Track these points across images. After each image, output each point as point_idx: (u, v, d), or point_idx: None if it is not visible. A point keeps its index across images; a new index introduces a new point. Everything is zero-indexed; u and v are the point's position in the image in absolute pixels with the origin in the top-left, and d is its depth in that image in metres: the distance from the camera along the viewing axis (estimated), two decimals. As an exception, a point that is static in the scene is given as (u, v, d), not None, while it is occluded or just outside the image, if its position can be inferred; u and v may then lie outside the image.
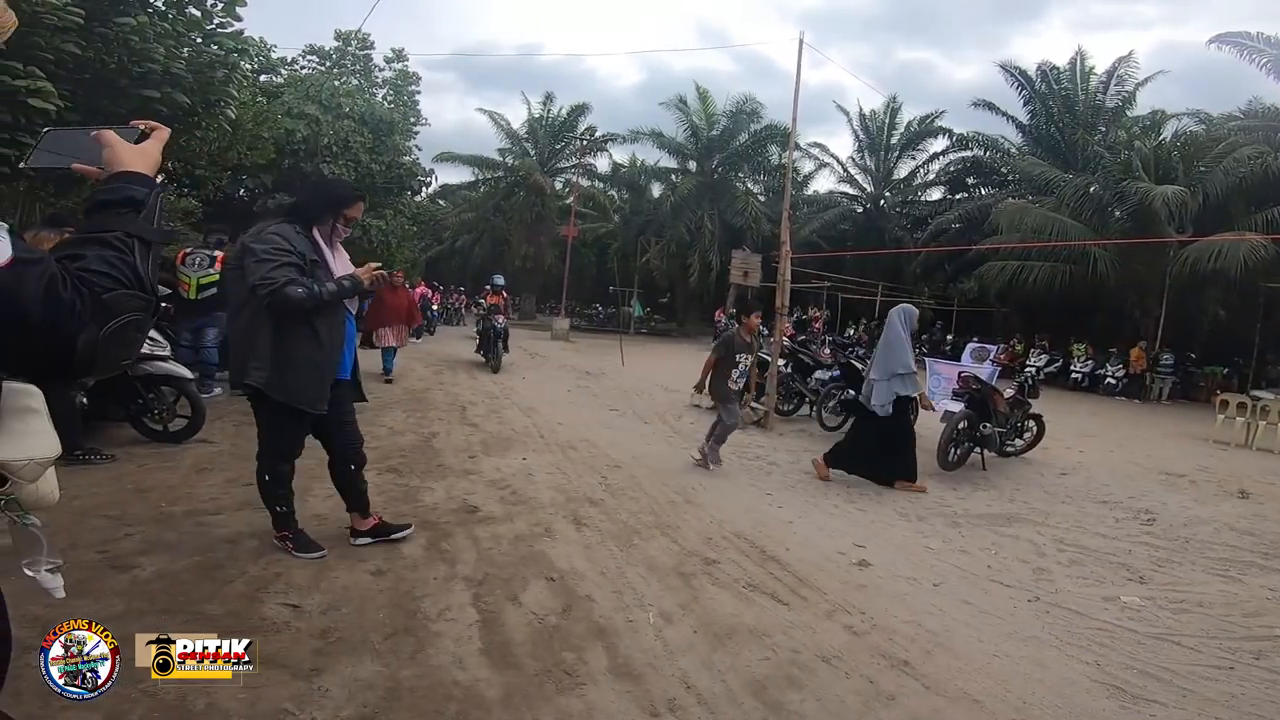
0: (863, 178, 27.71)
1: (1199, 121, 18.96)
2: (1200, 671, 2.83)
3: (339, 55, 28.27)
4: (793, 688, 2.40)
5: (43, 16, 4.90)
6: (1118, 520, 5.11)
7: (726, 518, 4.33)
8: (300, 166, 17.72)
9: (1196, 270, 14.65)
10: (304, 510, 3.69)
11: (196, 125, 7.36)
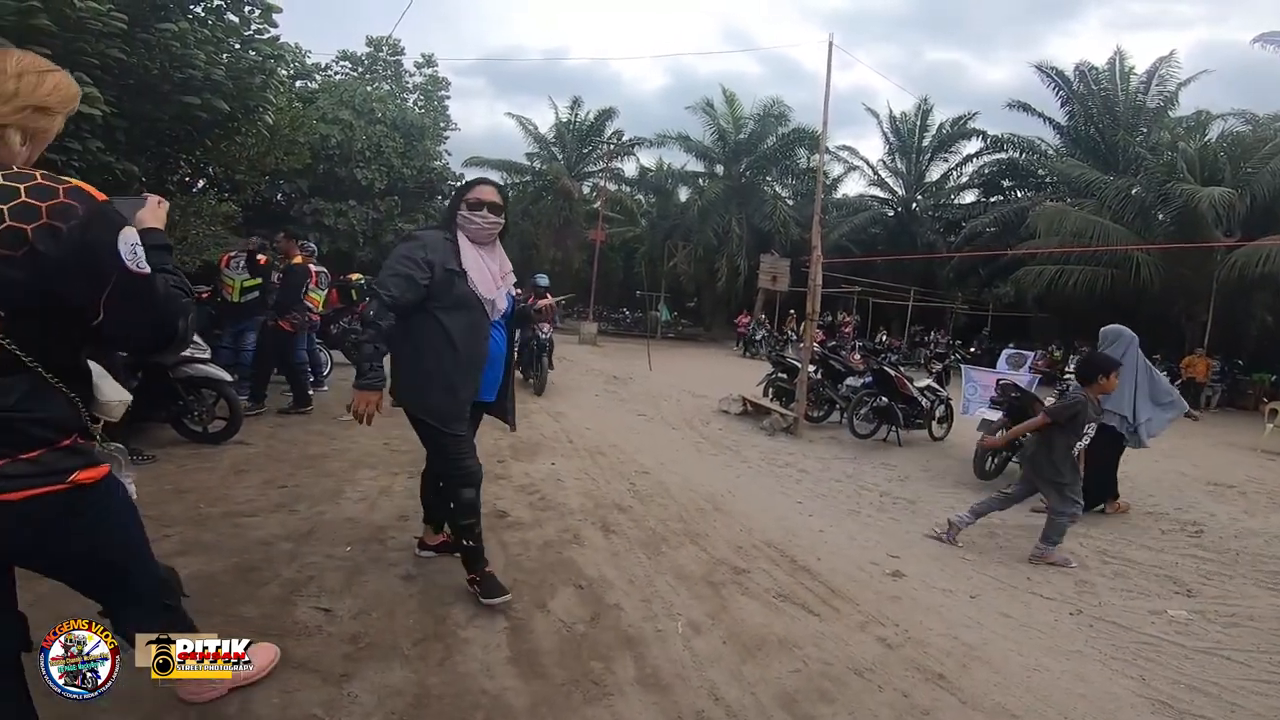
0: (894, 181, 27.35)
1: (1245, 122, 18.39)
2: (1250, 686, 2.73)
3: (371, 61, 28.80)
4: (824, 701, 2.35)
5: (88, 22, 5.03)
6: (1164, 532, 4.94)
7: (756, 526, 4.28)
8: (335, 171, 18.08)
9: (1244, 275, 14.20)
10: (337, 513, 3.75)
11: (236, 131, 7.52)
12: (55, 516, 1.31)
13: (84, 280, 1.23)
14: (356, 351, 2.62)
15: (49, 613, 2.15)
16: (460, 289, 2.65)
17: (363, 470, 4.66)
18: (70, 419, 1.33)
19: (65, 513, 1.32)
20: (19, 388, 1.24)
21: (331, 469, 4.63)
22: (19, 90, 1.29)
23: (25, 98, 1.30)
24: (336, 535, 3.41)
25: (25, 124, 1.31)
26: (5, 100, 1.28)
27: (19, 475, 1.24)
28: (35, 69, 1.32)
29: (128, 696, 1.93)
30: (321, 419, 6.23)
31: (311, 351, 7.45)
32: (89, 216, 1.24)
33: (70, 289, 1.23)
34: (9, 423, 1.24)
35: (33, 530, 1.30)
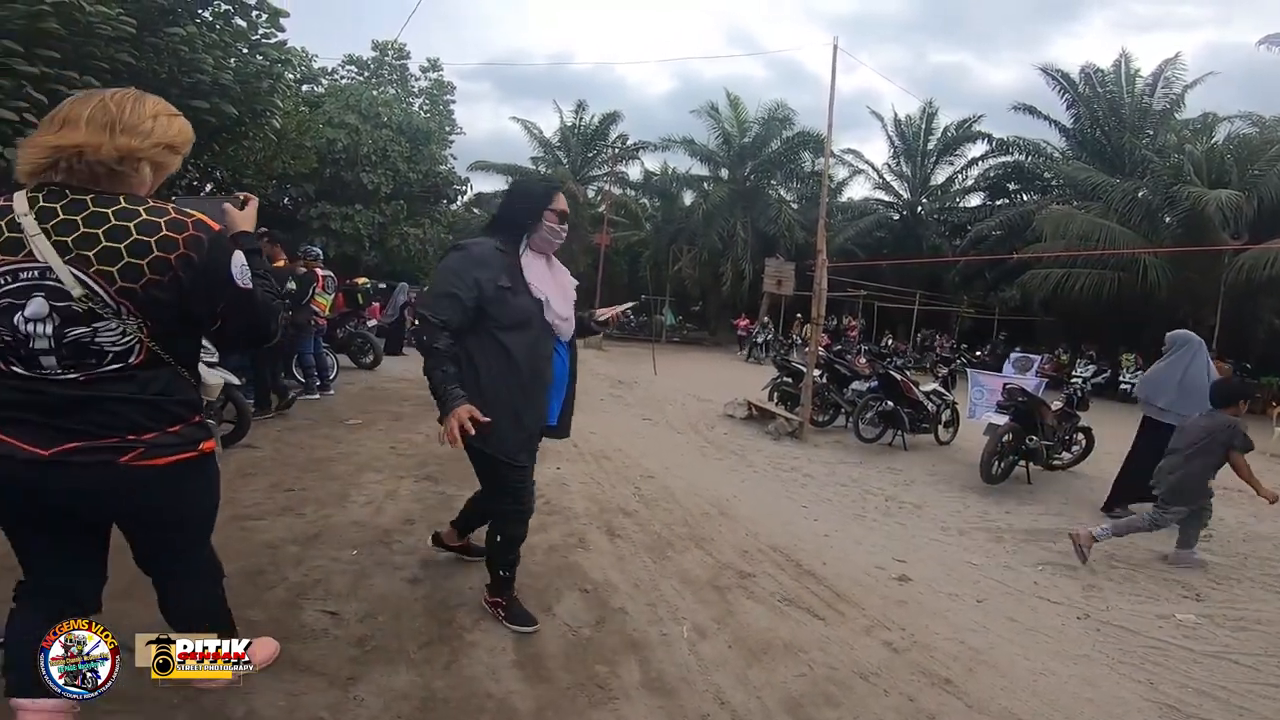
0: (899, 184, 27.29)
1: (1251, 124, 18.29)
2: (1258, 690, 2.73)
3: (376, 65, 28.93)
4: (829, 705, 2.35)
5: (97, 26, 5.08)
6: (1172, 536, 4.91)
7: (762, 530, 4.27)
8: (341, 175, 18.16)
9: (1252, 278, 14.12)
10: (344, 516, 3.76)
11: (244, 135, 7.59)
12: (187, 478, 1.60)
13: (208, 297, 1.52)
14: (430, 381, 2.40)
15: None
16: (518, 306, 2.43)
17: (369, 474, 4.67)
18: (196, 401, 1.64)
19: (195, 475, 1.62)
20: (163, 378, 1.54)
21: (338, 473, 4.65)
22: (154, 129, 1.52)
23: (158, 136, 1.52)
24: (343, 539, 3.42)
25: (156, 158, 1.54)
26: (144, 137, 1.50)
27: (166, 444, 1.53)
28: (167, 113, 1.58)
29: (132, 697, 1.94)
30: (328, 423, 6.25)
31: (318, 355, 7.48)
32: (211, 246, 1.50)
33: (200, 304, 1.52)
34: (159, 404, 1.53)
35: (170, 489, 1.58)
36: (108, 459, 1.47)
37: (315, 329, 7.37)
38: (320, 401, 7.22)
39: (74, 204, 1.43)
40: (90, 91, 1.54)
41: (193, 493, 1.66)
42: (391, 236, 19.88)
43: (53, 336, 1.42)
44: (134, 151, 1.48)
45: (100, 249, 1.40)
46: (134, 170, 1.49)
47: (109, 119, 1.46)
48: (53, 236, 1.40)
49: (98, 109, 1.47)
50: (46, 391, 1.45)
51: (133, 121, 1.49)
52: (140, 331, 1.48)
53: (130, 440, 1.49)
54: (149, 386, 1.52)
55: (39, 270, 1.40)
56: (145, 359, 1.51)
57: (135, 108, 1.51)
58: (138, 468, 1.50)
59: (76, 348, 1.44)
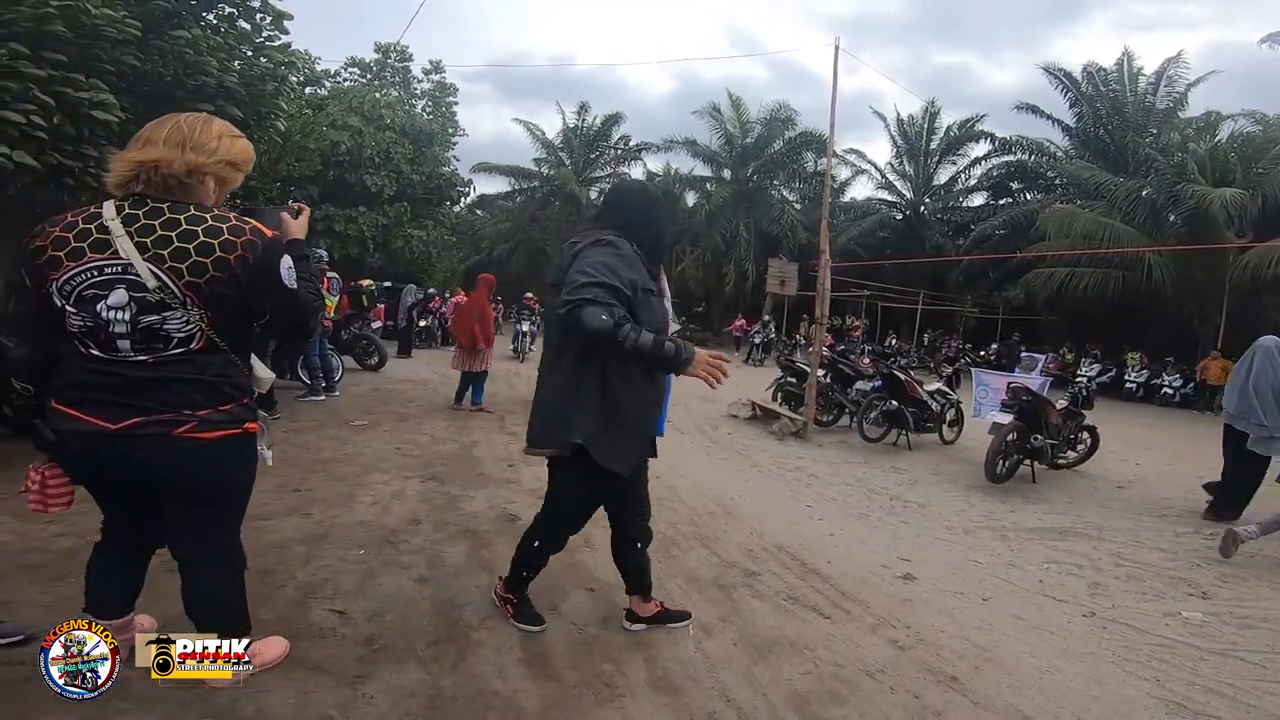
0: (901, 184, 27.26)
1: (1255, 122, 18.23)
2: (1265, 688, 2.71)
3: (379, 67, 29.01)
4: (835, 702, 2.35)
5: (103, 29, 5.08)
6: (1178, 535, 4.91)
7: (766, 530, 4.28)
8: (345, 177, 18.21)
9: (1257, 276, 14.07)
10: (350, 517, 3.77)
11: (249, 137, 7.59)
12: (232, 453, 1.80)
13: (261, 294, 1.75)
14: (645, 355, 2.14)
15: (65, 617, 2.19)
16: (660, 311, 2.33)
17: (375, 474, 4.69)
18: (246, 385, 1.85)
19: (238, 450, 1.82)
20: (218, 362, 1.76)
21: (344, 473, 4.66)
22: (219, 148, 1.77)
23: (223, 154, 1.78)
24: (350, 538, 3.44)
25: (220, 174, 1.79)
26: (211, 154, 1.75)
27: (217, 421, 1.74)
28: (230, 134, 1.83)
29: (144, 696, 1.95)
30: (334, 424, 6.27)
31: (324, 357, 7.51)
32: (265, 249, 1.74)
33: (253, 300, 1.76)
34: (214, 385, 1.75)
35: (216, 461, 1.77)
36: (164, 431, 1.68)
37: (320, 331, 7.39)
38: (326, 403, 7.25)
39: (153, 211, 1.68)
40: (168, 116, 1.79)
41: (236, 468, 1.85)
42: (395, 238, 19.91)
43: (129, 323, 1.66)
44: (200, 167, 1.73)
45: (173, 249, 1.65)
46: (200, 183, 1.75)
47: (181, 138, 1.72)
48: (134, 238, 1.65)
49: (172, 130, 1.73)
50: (120, 373, 1.68)
51: (200, 141, 1.75)
52: (202, 321, 1.71)
53: (186, 415, 1.71)
54: (207, 369, 1.74)
55: (122, 266, 1.65)
56: (205, 345, 1.73)
57: (204, 129, 1.77)
58: (189, 439, 1.71)
59: (148, 333, 1.68)
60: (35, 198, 5.97)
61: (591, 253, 2.25)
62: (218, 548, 1.94)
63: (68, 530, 3.10)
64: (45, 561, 2.83)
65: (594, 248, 2.27)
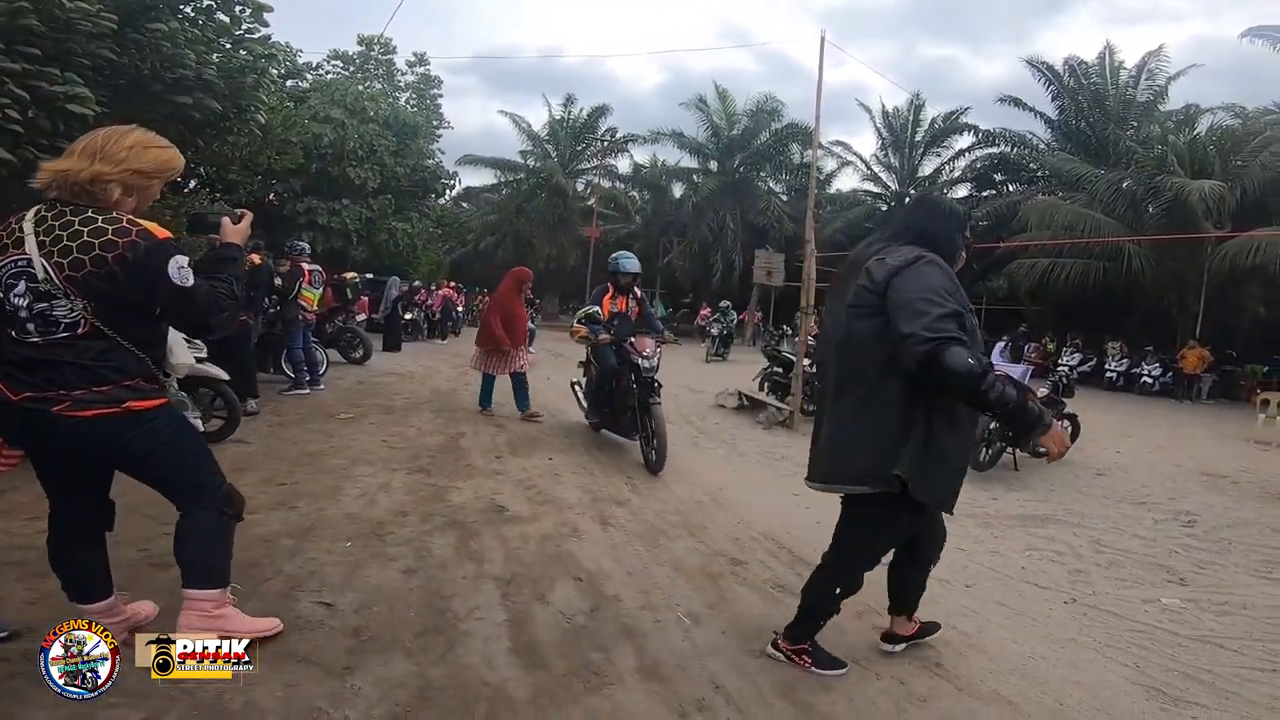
0: (887, 175, 27.43)
1: (1234, 115, 18.51)
2: (1244, 674, 2.75)
3: (362, 59, 28.70)
4: (823, 689, 2.37)
5: (77, 23, 5.00)
6: (1157, 522, 4.99)
7: (754, 518, 4.30)
8: (328, 170, 18.01)
9: (1235, 267, 14.30)
10: (337, 509, 3.76)
11: (228, 131, 7.50)
12: (114, 430, 1.91)
13: (143, 291, 1.89)
14: (1005, 411, 1.97)
15: (57, 612, 2.18)
16: (978, 342, 2.13)
17: (361, 467, 4.67)
18: (132, 368, 1.93)
19: (122, 428, 1.92)
20: (98, 347, 1.89)
21: (330, 466, 4.64)
22: (127, 158, 1.93)
23: (130, 164, 1.93)
24: (336, 531, 3.42)
25: (127, 181, 1.94)
26: (117, 164, 1.91)
27: (89, 400, 1.86)
28: (145, 144, 1.97)
29: (130, 690, 1.94)
30: (319, 418, 6.23)
31: (308, 350, 7.45)
32: (149, 250, 1.86)
33: (135, 295, 1.89)
34: (90, 368, 1.87)
35: (98, 438, 1.90)
36: (45, 407, 1.84)
37: (304, 324, 7.33)
38: (311, 396, 7.20)
39: (59, 214, 1.87)
40: (98, 129, 1.99)
41: (126, 445, 1.95)
42: (379, 231, 19.73)
43: (28, 308, 1.86)
44: (102, 175, 1.89)
45: (61, 246, 1.83)
46: (103, 190, 1.90)
47: (94, 149, 1.91)
48: (39, 237, 1.84)
49: (89, 142, 1.92)
50: (21, 352, 1.88)
51: (110, 152, 1.91)
52: (85, 310, 1.86)
53: (61, 394, 1.85)
54: (85, 353, 1.88)
55: (26, 260, 1.85)
56: (89, 331, 1.88)
57: (116, 141, 1.93)
58: (67, 417, 1.85)
59: (42, 318, 1.86)
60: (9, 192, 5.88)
61: (926, 274, 2.06)
62: (188, 496, 2.11)
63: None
64: (28, 559, 2.79)
65: (925, 267, 2.08)
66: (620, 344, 5.61)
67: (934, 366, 1.90)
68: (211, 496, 2.12)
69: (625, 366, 5.51)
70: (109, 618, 2.09)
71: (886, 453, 2.09)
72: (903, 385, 2.07)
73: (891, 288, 2.06)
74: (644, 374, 5.33)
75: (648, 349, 5.42)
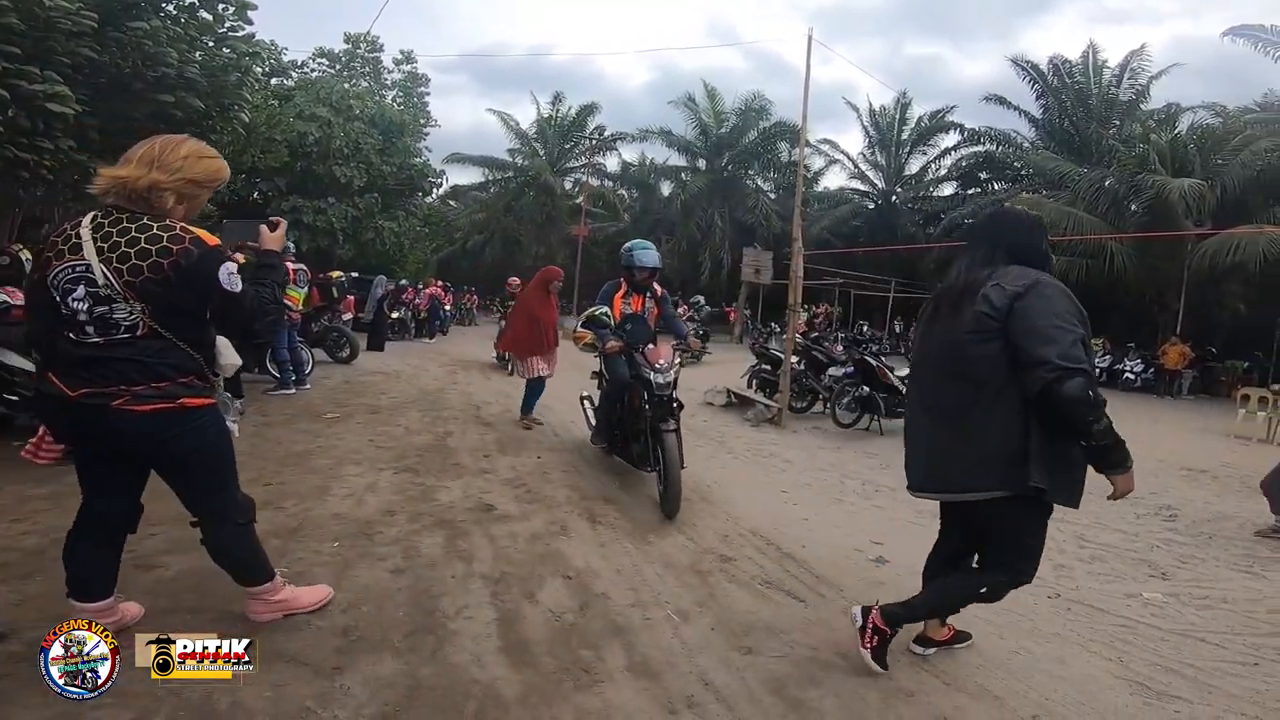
0: (874, 174, 27.60)
1: (1215, 114, 18.75)
2: (1225, 668, 2.78)
3: (348, 58, 28.48)
4: (812, 685, 2.39)
5: (57, 21, 4.94)
6: (1139, 517, 5.04)
7: (742, 515, 4.32)
8: (313, 169, 17.88)
9: (1215, 264, 14.49)
10: (324, 509, 3.74)
11: (211, 129, 7.42)
12: (165, 425, 2.01)
13: (196, 295, 2.01)
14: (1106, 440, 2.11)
15: (43, 613, 2.15)
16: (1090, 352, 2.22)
17: (348, 467, 4.64)
18: (188, 366, 2.05)
19: (174, 424, 2.02)
20: (155, 346, 2.00)
21: (317, 466, 4.61)
22: (182, 168, 2.03)
23: (185, 173, 2.03)
24: (324, 531, 3.40)
25: (181, 190, 2.04)
26: (173, 173, 2.01)
27: (148, 396, 1.97)
28: (199, 154, 2.08)
29: (118, 691, 1.93)
30: (305, 418, 6.18)
31: (293, 349, 7.40)
32: (201, 257, 1.97)
33: (188, 300, 2.02)
34: (149, 365, 1.98)
35: (149, 433, 2.00)
36: (104, 402, 1.94)
37: (289, 323, 7.28)
38: (296, 396, 7.15)
39: (115, 220, 1.97)
40: (153, 137, 2.08)
41: (175, 439, 2.04)
42: (365, 230, 19.61)
43: (88, 311, 1.96)
44: (159, 184, 1.99)
45: (119, 253, 1.93)
46: (159, 198, 2.00)
47: (151, 157, 2.00)
48: (96, 244, 1.95)
49: (146, 150, 2.02)
50: (81, 352, 1.97)
51: (166, 160, 2.01)
52: (142, 313, 1.97)
53: (121, 389, 1.95)
54: (144, 351, 1.98)
55: (84, 266, 1.95)
56: (147, 332, 1.99)
57: (173, 150, 2.03)
58: (124, 411, 1.95)
59: (102, 320, 1.97)
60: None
61: (1050, 298, 2.13)
62: (213, 507, 2.21)
63: (32, 529, 3.05)
64: (12, 560, 2.77)
65: (1047, 291, 2.15)
66: (633, 352, 4.64)
67: (1056, 393, 1.97)
68: (229, 509, 2.23)
69: (639, 381, 4.51)
70: (104, 618, 2.14)
71: (1020, 459, 2.15)
72: (1022, 397, 2.13)
73: (1015, 313, 2.11)
74: (656, 391, 4.33)
75: (662, 359, 4.42)
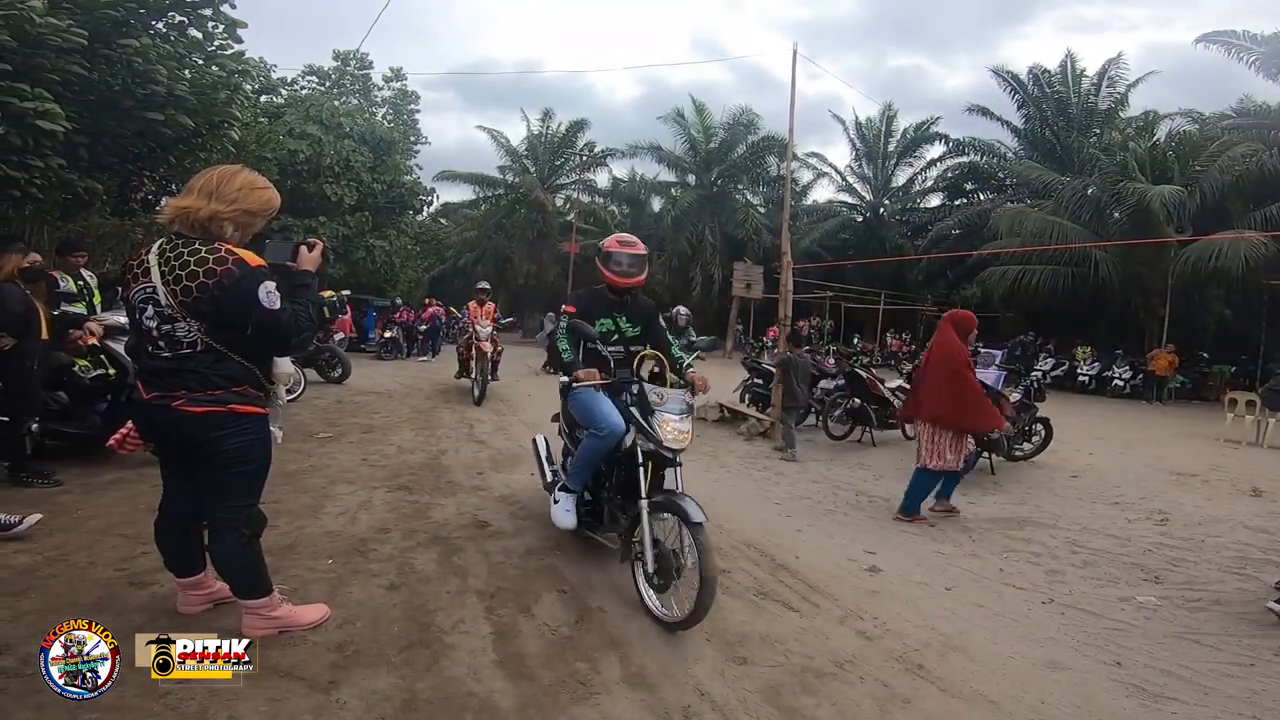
0: (861, 186, 27.83)
1: (1191, 121, 19.01)
2: (1221, 669, 2.81)
3: (338, 75, 28.53)
4: (807, 693, 2.40)
5: (47, 38, 4.95)
6: (1130, 521, 5.09)
7: (736, 527, 4.33)
8: (303, 187, 17.89)
9: (1198, 270, 14.66)
10: (317, 527, 3.73)
11: (201, 147, 7.45)
12: (214, 424, 2.21)
13: (239, 312, 2.17)
14: None
15: (36, 629, 2.14)
16: None
17: (341, 485, 4.63)
18: (241, 376, 2.26)
19: (222, 424, 2.22)
20: (211, 359, 2.21)
21: (309, 485, 4.59)
22: (239, 199, 2.25)
23: (241, 204, 2.26)
24: (318, 549, 3.39)
25: (237, 219, 2.27)
26: (231, 204, 2.23)
27: (201, 400, 2.19)
28: (251, 185, 2.29)
29: (114, 705, 1.92)
30: (298, 437, 6.16)
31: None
32: (241, 277, 2.15)
33: (232, 316, 2.18)
34: (205, 375, 2.20)
35: (200, 429, 2.20)
36: (167, 403, 2.19)
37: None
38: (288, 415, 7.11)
39: (175, 246, 2.18)
40: (211, 167, 2.30)
41: (220, 438, 2.23)
42: (357, 249, 19.60)
43: (157, 329, 2.21)
44: (219, 214, 2.21)
45: (174, 275, 2.14)
46: (219, 227, 2.23)
47: (210, 189, 2.22)
48: (161, 269, 2.17)
49: (205, 181, 2.23)
50: (154, 364, 2.23)
51: (224, 192, 2.23)
52: (199, 330, 2.19)
53: (181, 394, 2.19)
54: (201, 363, 2.21)
55: (151, 288, 2.19)
56: (204, 347, 2.21)
57: (229, 181, 2.25)
58: (180, 410, 2.18)
59: (168, 336, 2.21)
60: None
61: None
62: (228, 513, 2.32)
63: (24, 548, 3.04)
64: (5, 578, 2.77)
65: None
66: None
67: None
68: (241, 518, 2.34)
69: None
70: (197, 590, 2.53)
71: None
72: None
73: None
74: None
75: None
